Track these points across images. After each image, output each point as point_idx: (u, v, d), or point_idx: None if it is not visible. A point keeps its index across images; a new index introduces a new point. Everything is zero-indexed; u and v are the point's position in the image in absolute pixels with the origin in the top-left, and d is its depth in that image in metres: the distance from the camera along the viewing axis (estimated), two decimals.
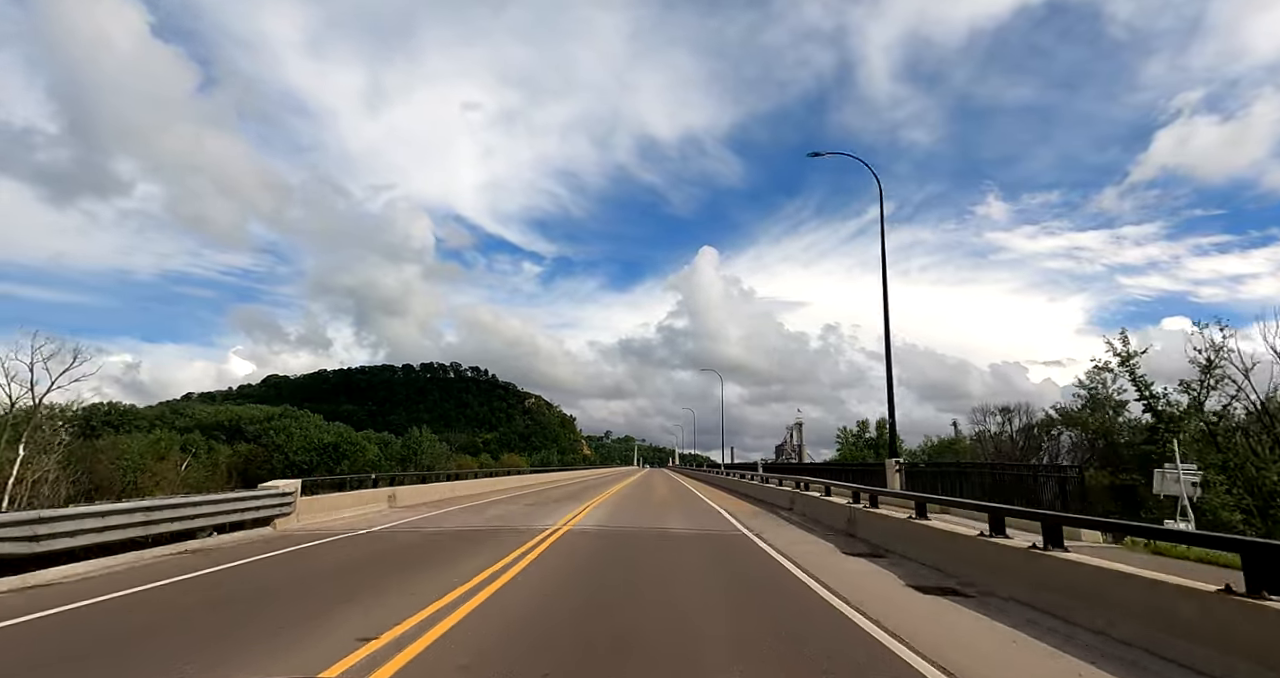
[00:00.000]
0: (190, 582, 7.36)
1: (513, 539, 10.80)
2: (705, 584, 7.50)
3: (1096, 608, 5.35)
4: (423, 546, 10.40)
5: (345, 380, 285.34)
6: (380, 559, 9.15)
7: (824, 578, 7.73)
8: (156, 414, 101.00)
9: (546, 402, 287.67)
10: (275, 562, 8.78)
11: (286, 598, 6.61)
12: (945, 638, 5.19)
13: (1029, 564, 6.39)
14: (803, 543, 11.05)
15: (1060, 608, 5.75)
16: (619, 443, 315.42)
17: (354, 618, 5.65)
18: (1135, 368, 27.20)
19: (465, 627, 5.38)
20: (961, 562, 7.78)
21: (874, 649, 4.92)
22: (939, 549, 8.47)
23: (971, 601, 6.54)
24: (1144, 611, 4.88)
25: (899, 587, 7.33)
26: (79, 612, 5.99)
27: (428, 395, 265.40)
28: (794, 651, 4.85)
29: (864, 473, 21.65)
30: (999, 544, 7.06)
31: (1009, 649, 4.95)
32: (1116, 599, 5.17)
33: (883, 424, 78.65)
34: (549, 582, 7.48)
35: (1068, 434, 39.11)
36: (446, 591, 6.72)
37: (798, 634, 5.33)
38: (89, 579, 7.40)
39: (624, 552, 9.94)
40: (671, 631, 5.36)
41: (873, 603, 6.40)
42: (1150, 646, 4.71)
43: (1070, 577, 5.77)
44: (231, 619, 5.71)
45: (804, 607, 6.41)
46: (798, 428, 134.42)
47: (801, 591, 7.20)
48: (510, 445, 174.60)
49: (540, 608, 6.16)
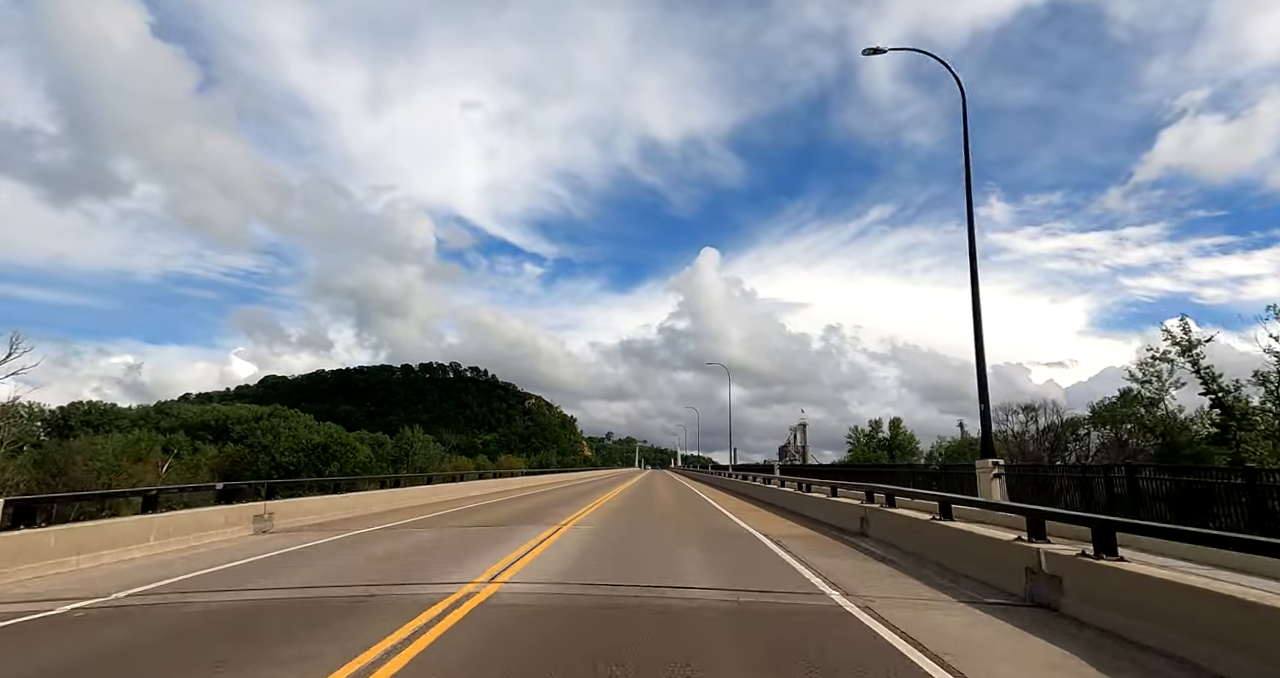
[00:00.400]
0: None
1: (353, 631, 5.29)
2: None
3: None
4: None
5: (343, 381, 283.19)
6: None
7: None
8: (141, 414, 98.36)
9: (547, 402, 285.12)
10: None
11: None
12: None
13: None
14: (981, 628, 5.39)
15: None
16: (620, 444, 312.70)
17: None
18: (1200, 358, 24.47)
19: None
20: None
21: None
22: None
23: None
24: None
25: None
26: None
27: (426, 396, 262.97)
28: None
29: (935, 477, 18.18)
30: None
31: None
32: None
33: (897, 424, 75.58)
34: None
35: (1097, 434, 36.91)
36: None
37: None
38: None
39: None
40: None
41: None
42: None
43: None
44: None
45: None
46: (801, 429, 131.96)
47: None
48: (510, 447, 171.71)
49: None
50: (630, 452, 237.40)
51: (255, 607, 6.25)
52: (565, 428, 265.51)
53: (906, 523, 9.93)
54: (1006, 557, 6.71)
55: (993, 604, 6.13)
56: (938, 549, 8.47)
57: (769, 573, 8.04)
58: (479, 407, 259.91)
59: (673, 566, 8.50)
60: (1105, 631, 5.08)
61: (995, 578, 6.84)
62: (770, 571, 8.24)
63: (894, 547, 9.86)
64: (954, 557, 7.98)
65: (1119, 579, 5.14)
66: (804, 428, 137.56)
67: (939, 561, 8.27)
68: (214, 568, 8.31)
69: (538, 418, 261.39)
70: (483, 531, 12.80)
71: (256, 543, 10.72)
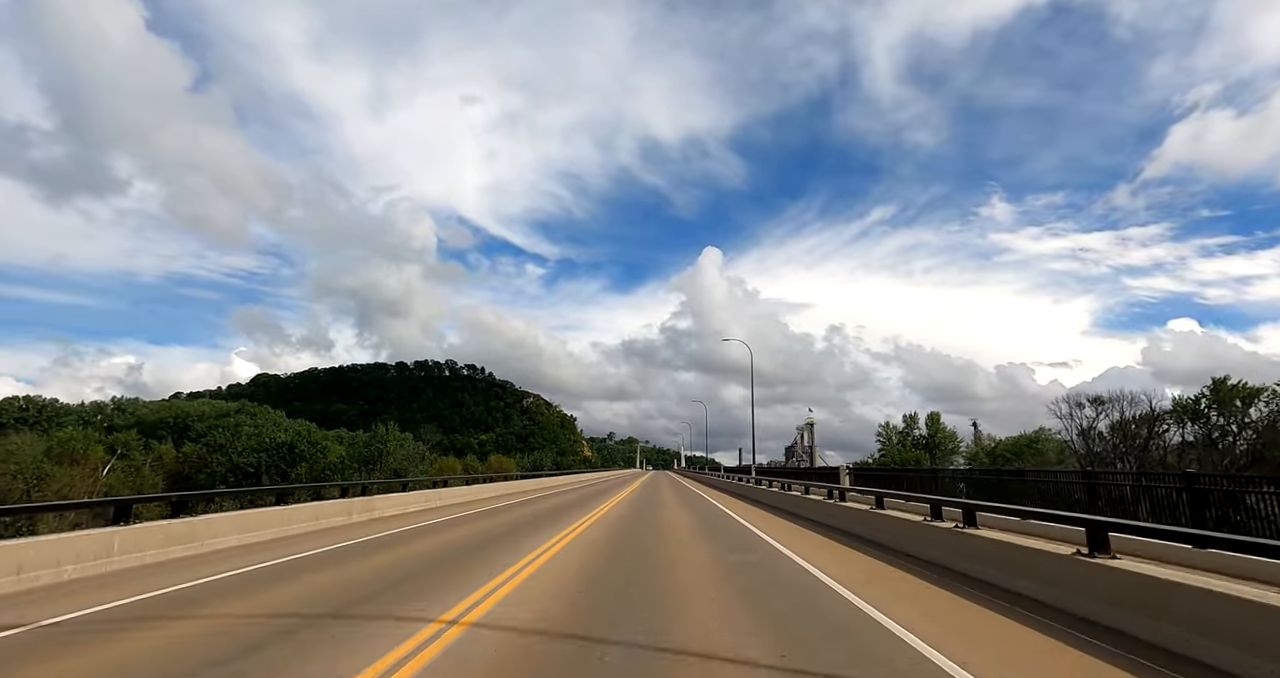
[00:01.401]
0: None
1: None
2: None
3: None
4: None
5: (337, 379, 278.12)
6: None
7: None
8: (95, 410, 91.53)
9: (546, 401, 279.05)
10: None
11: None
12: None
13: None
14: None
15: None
16: (622, 445, 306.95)
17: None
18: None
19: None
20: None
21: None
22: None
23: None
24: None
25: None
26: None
27: (421, 395, 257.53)
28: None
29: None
30: None
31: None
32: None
33: (936, 419, 68.00)
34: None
35: (1179, 431, 33.12)
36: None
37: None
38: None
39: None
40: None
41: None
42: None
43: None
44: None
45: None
46: (809, 428, 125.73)
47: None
48: (507, 447, 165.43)
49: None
50: (632, 452, 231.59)
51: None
52: (565, 428, 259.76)
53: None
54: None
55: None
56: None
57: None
58: (475, 405, 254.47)
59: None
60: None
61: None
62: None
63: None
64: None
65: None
66: (811, 428, 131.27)
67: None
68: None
69: (536, 417, 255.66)
70: (392, 587, 6.00)
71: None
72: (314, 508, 13.73)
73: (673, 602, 6.67)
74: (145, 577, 7.94)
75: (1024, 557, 6.92)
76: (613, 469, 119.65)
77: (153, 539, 8.92)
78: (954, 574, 7.98)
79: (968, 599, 6.75)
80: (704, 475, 61.82)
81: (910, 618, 5.91)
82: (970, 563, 7.96)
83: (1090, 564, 5.87)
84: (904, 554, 9.66)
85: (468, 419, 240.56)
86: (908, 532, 10.11)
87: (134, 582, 7.63)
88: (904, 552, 9.82)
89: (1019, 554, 7.02)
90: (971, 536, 8.20)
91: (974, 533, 8.25)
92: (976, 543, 7.99)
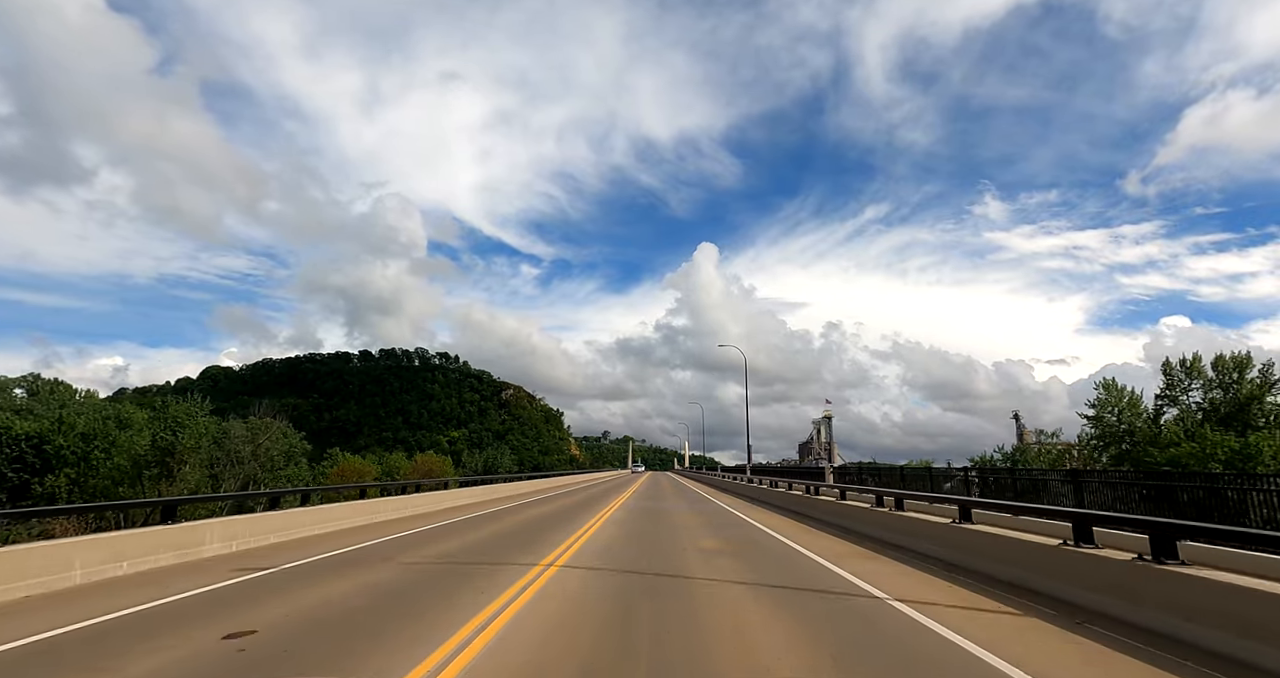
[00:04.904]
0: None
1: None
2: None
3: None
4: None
5: (292, 370, 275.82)
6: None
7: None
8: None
9: (528, 394, 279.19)
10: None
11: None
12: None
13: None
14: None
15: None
16: (617, 444, 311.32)
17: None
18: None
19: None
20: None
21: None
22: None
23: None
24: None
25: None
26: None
27: (386, 386, 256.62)
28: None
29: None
30: None
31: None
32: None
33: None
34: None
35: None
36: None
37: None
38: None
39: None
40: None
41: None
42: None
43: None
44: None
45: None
46: (825, 423, 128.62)
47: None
48: (482, 444, 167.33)
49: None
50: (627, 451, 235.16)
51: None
52: (550, 423, 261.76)
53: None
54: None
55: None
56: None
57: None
58: (447, 398, 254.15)
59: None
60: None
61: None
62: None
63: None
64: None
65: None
66: (829, 422, 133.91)
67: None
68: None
69: (516, 411, 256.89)
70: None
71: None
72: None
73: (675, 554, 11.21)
74: (319, 542, 12.56)
75: (926, 528, 11.55)
76: (604, 470, 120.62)
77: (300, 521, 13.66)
78: (883, 542, 12.67)
79: (874, 551, 11.40)
80: (703, 475, 69.08)
81: (822, 550, 10.59)
82: (895, 536, 12.65)
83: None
84: (861, 534, 14.35)
85: (437, 414, 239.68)
86: (862, 517, 14.84)
87: (323, 543, 12.30)
88: (862, 533, 14.50)
89: (921, 526, 11.65)
90: (899, 516, 12.83)
91: (900, 514, 12.89)
92: (903, 522, 12.63)
